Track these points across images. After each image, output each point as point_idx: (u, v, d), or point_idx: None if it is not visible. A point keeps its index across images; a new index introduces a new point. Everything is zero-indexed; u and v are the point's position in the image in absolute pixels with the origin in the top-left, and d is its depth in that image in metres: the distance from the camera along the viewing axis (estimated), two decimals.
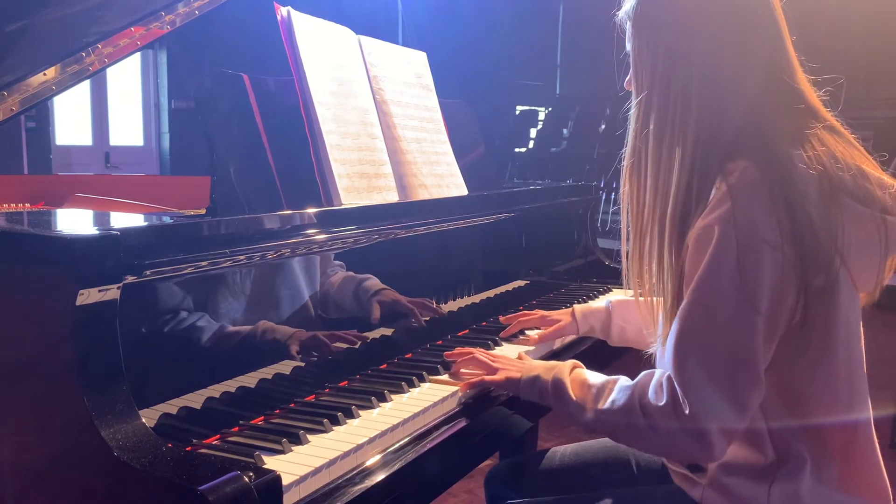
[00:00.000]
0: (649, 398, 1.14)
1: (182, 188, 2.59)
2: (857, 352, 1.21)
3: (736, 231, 1.08)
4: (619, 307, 1.69)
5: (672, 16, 1.22)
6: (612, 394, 1.20)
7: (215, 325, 1.20)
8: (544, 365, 1.36)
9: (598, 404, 1.21)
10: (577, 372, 1.31)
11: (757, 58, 1.19)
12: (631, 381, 1.20)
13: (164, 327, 1.13)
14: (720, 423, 1.09)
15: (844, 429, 1.19)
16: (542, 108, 11.10)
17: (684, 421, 1.09)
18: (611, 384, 1.23)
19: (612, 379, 1.25)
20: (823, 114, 1.21)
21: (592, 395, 1.23)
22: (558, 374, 1.30)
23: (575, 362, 1.35)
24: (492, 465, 1.81)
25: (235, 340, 1.24)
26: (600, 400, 1.21)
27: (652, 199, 1.22)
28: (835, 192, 1.12)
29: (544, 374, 1.32)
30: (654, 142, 1.22)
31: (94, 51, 1.76)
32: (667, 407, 1.11)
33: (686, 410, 1.09)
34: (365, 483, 1.09)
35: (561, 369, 1.31)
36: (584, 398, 1.24)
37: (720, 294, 1.09)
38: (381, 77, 1.82)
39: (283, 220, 1.32)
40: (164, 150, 8.26)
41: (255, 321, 1.28)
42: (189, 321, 1.16)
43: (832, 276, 1.11)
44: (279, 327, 1.32)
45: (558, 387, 1.28)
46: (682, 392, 1.10)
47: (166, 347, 1.13)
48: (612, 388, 1.21)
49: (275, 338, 1.31)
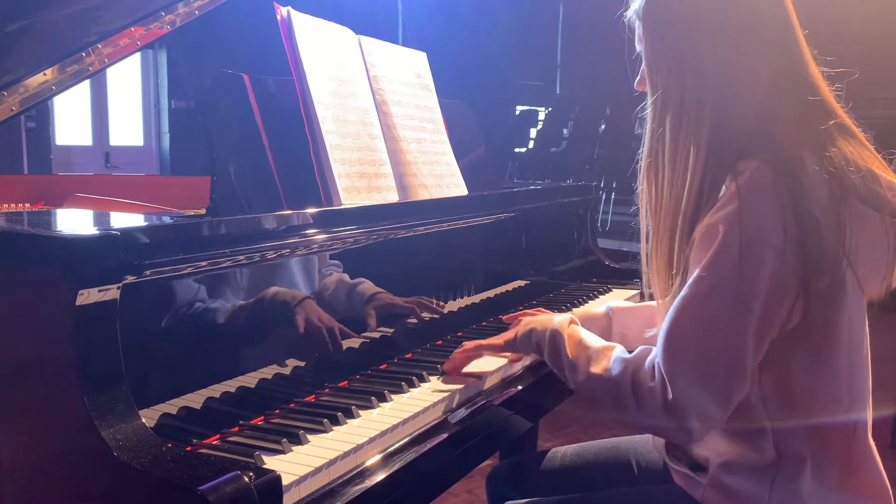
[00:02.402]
0: (641, 375, 1.16)
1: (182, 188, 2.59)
2: (859, 353, 1.21)
3: (740, 232, 1.08)
4: (619, 314, 1.69)
5: (682, 14, 1.22)
6: (607, 361, 1.22)
7: (215, 325, 1.20)
8: (541, 318, 1.39)
9: (592, 368, 1.23)
10: (573, 328, 1.34)
11: (770, 54, 1.19)
12: (628, 354, 1.22)
13: (163, 327, 1.13)
14: (700, 412, 1.11)
15: (844, 429, 1.19)
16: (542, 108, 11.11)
17: (668, 405, 1.11)
18: (608, 351, 1.24)
19: (609, 346, 1.26)
20: (836, 109, 1.21)
21: (587, 356, 1.25)
22: (557, 326, 1.33)
23: (571, 317, 1.38)
24: (492, 465, 1.81)
25: (235, 340, 1.24)
26: (594, 364, 1.23)
27: (668, 198, 1.23)
28: (845, 195, 1.12)
29: (540, 327, 1.35)
30: (669, 141, 1.22)
31: (94, 51, 1.76)
32: (656, 388, 1.13)
33: (669, 397, 1.11)
34: (365, 483, 1.09)
35: (560, 323, 1.34)
36: (577, 357, 1.26)
37: (717, 290, 1.10)
38: (381, 77, 1.82)
39: (282, 220, 1.32)
40: (164, 150, 8.27)
41: (255, 321, 1.28)
42: (189, 321, 1.16)
43: (837, 279, 1.11)
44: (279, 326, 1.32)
45: (555, 339, 1.31)
46: (667, 376, 1.12)
47: (166, 347, 1.13)
48: (609, 356, 1.23)
49: (275, 337, 1.30)
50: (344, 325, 1.44)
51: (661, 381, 1.12)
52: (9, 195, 2.18)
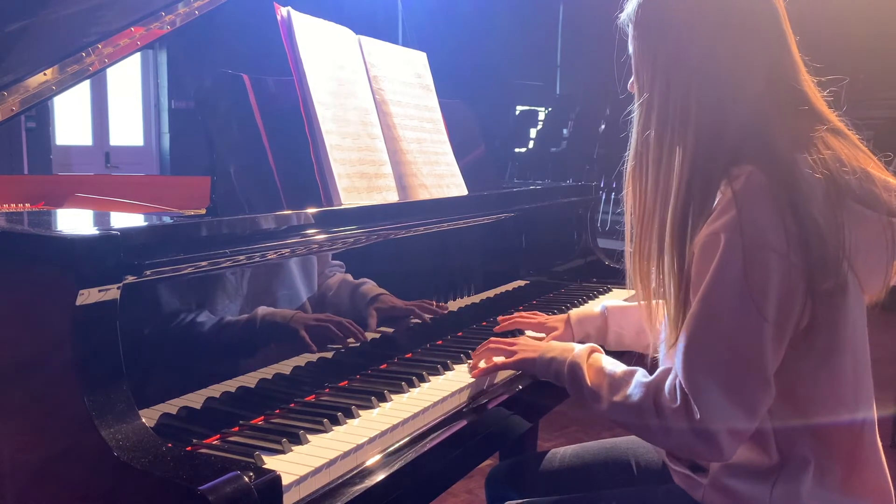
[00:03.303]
0: (664, 398, 1.14)
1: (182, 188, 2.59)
2: (862, 354, 1.21)
3: (742, 239, 1.08)
4: (614, 312, 1.68)
5: (673, 18, 1.22)
6: (628, 387, 1.21)
7: (215, 325, 1.20)
8: (562, 346, 1.38)
9: (614, 396, 1.22)
10: (595, 357, 1.32)
11: (759, 60, 1.19)
12: (648, 377, 1.21)
13: (164, 327, 1.13)
14: (730, 427, 1.10)
15: (849, 431, 1.19)
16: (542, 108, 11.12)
17: (695, 424, 1.09)
18: (628, 376, 1.23)
19: (630, 370, 1.25)
20: (828, 115, 1.21)
21: (608, 384, 1.24)
22: (576, 357, 1.31)
23: (593, 346, 1.36)
24: (492, 465, 1.81)
25: (235, 340, 1.24)
26: (616, 392, 1.22)
27: (653, 201, 1.22)
28: (841, 196, 1.12)
29: (560, 356, 1.34)
30: (655, 143, 1.22)
31: (94, 51, 1.76)
32: (680, 409, 1.11)
33: (697, 416, 1.09)
34: (365, 483, 1.09)
35: (579, 353, 1.32)
36: (599, 386, 1.25)
37: (727, 302, 1.09)
38: (381, 77, 1.82)
39: (283, 220, 1.32)
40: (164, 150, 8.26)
41: (255, 321, 1.28)
42: (189, 321, 1.16)
43: (840, 280, 1.11)
44: (279, 326, 1.32)
45: (574, 371, 1.30)
46: (691, 397, 1.10)
47: (166, 347, 1.13)
48: (629, 381, 1.22)
49: (275, 337, 1.30)
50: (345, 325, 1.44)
51: (685, 402, 1.11)
52: (9, 195, 2.18)
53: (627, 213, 1.30)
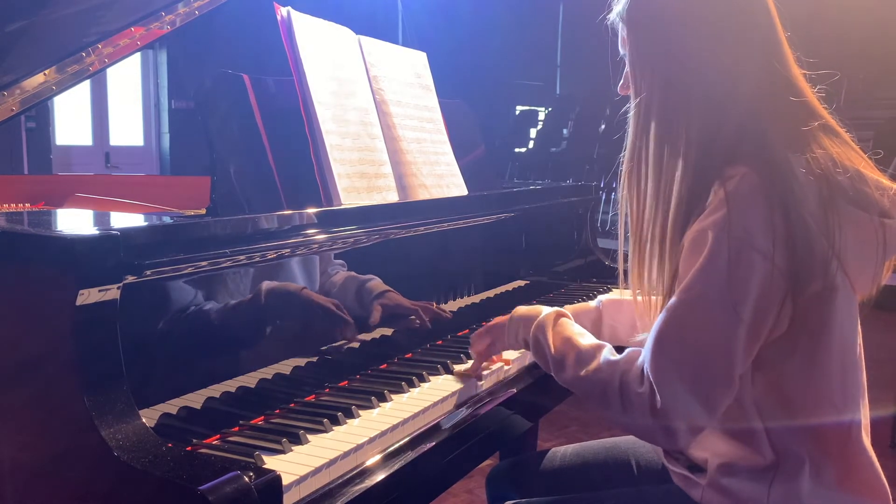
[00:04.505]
0: (630, 380, 1.15)
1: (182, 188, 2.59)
2: (852, 354, 1.21)
3: (729, 238, 1.08)
4: (609, 306, 1.69)
5: (665, 15, 1.22)
6: (595, 362, 1.21)
7: (215, 325, 1.20)
8: (528, 309, 1.40)
9: (579, 369, 1.22)
10: (562, 322, 1.33)
11: (753, 56, 1.19)
12: (616, 356, 1.21)
13: (163, 327, 1.13)
14: (688, 420, 1.11)
15: (840, 430, 1.19)
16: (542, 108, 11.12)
17: (656, 412, 1.11)
18: (596, 351, 1.23)
19: (598, 345, 1.25)
20: (820, 111, 1.21)
21: (574, 355, 1.25)
22: (541, 322, 1.33)
23: (559, 310, 1.37)
24: (492, 465, 1.81)
25: (235, 340, 1.24)
26: (582, 365, 1.22)
27: (653, 204, 1.22)
28: (833, 196, 1.12)
29: (526, 318, 1.36)
30: (654, 146, 1.21)
31: (94, 51, 1.76)
32: (644, 394, 1.12)
33: (658, 404, 1.10)
34: (365, 483, 1.09)
35: (544, 318, 1.33)
36: (564, 355, 1.26)
37: (706, 297, 1.10)
38: (381, 77, 1.82)
39: (283, 220, 1.32)
40: (164, 150, 8.27)
41: (255, 321, 1.28)
42: (189, 321, 1.16)
43: (829, 281, 1.11)
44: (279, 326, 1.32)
45: (538, 338, 1.31)
46: (655, 383, 1.11)
47: (166, 347, 1.13)
48: (597, 357, 1.22)
49: (275, 337, 1.30)
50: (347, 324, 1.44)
51: (650, 387, 1.12)
52: (9, 195, 2.18)
53: (622, 214, 1.30)
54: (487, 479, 1.70)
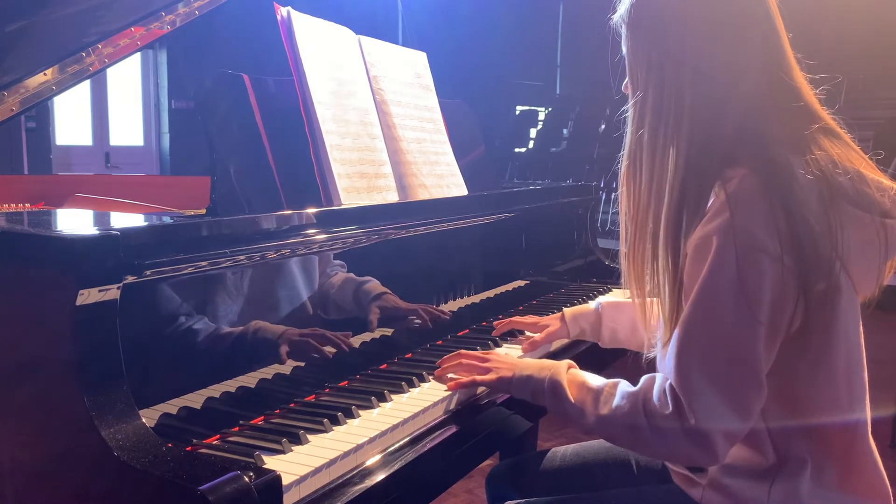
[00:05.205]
0: (654, 405, 1.13)
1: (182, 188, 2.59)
2: (856, 354, 1.21)
3: (735, 241, 1.08)
4: (609, 309, 1.68)
5: (666, 17, 1.22)
6: (614, 399, 1.19)
7: (215, 325, 1.20)
8: (537, 363, 1.34)
9: (600, 409, 1.20)
10: (573, 372, 1.30)
11: (752, 57, 1.18)
12: (633, 387, 1.19)
13: (164, 327, 1.13)
14: (724, 429, 1.09)
15: (844, 430, 1.19)
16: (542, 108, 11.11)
17: (689, 428, 1.09)
18: (611, 388, 1.22)
19: (612, 382, 1.23)
20: (821, 113, 1.21)
21: (592, 399, 1.22)
22: (555, 374, 1.28)
23: (570, 362, 1.33)
24: (492, 465, 1.81)
25: (235, 340, 1.24)
26: (601, 405, 1.20)
27: (647, 202, 1.22)
28: (834, 197, 1.12)
29: (538, 374, 1.30)
30: (648, 143, 1.22)
31: (94, 51, 1.76)
32: (672, 414, 1.10)
33: (692, 420, 1.08)
34: (365, 483, 1.09)
35: (557, 369, 1.29)
36: (583, 401, 1.23)
37: (720, 304, 1.09)
38: (381, 77, 1.82)
39: (283, 220, 1.32)
40: (164, 150, 8.27)
41: (255, 321, 1.28)
42: (189, 321, 1.16)
43: (833, 282, 1.11)
44: (277, 327, 1.32)
45: (555, 388, 1.27)
46: (685, 400, 1.10)
47: (166, 347, 1.13)
48: (614, 393, 1.20)
49: (274, 338, 1.30)
50: (345, 325, 1.44)
51: (677, 407, 1.10)
52: (9, 195, 2.18)
53: (622, 213, 1.30)
54: (487, 479, 1.70)
